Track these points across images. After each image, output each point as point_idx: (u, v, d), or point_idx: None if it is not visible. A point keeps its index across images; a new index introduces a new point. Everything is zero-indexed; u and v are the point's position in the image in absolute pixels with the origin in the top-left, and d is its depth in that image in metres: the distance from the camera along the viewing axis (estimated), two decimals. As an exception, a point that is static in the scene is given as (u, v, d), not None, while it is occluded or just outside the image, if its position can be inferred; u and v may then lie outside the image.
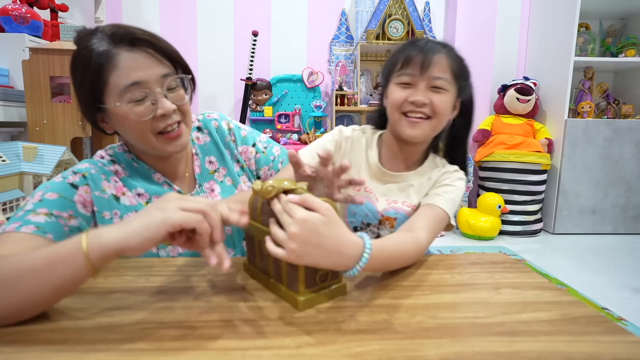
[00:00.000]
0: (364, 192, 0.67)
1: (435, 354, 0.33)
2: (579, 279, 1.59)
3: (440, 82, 0.58)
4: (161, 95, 0.51)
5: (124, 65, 0.49)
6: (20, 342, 0.33)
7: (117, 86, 0.49)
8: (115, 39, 0.49)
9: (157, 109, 0.51)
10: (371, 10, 2.32)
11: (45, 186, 0.49)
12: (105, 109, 0.52)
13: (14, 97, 1.32)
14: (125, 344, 0.33)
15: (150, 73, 0.50)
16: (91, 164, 0.54)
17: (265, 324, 0.37)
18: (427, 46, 0.59)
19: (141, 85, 0.50)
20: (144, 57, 0.50)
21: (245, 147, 0.68)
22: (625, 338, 0.36)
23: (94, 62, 0.48)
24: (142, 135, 0.52)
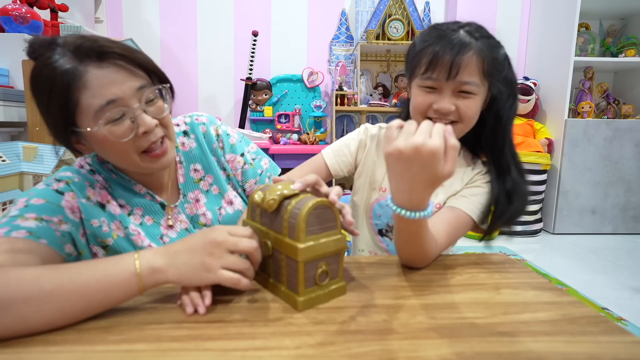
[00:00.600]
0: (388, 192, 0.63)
1: (435, 354, 0.33)
2: (579, 279, 1.59)
3: (469, 87, 0.53)
4: (140, 111, 0.46)
5: (94, 83, 0.44)
6: (19, 343, 0.33)
7: (91, 107, 0.44)
8: (81, 54, 0.43)
9: (139, 127, 0.46)
10: (371, 10, 2.32)
11: (27, 193, 0.46)
12: (79, 132, 0.47)
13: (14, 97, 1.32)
14: (124, 345, 0.33)
15: (125, 88, 0.45)
16: (73, 172, 0.51)
17: (264, 325, 0.37)
18: (456, 42, 0.51)
19: (117, 103, 0.45)
20: (115, 71, 0.45)
21: (233, 155, 0.64)
22: (625, 338, 0.36)
23: (59, 83, 0.43)
24: (125, 156, 0.48)
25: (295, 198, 0.42)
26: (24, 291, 0.34)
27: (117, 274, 0.36)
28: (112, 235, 0.52)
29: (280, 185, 0.43)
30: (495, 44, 0.55)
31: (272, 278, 0.44)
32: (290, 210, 0.40)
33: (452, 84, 0.53)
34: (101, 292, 0.36)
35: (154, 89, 0.49)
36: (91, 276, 0.36)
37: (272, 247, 0.43)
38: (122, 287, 0.36)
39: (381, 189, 0.65)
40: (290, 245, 0.39)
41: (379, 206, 0.65)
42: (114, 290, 0.36)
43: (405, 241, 0.48)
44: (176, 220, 0.58)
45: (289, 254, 0.40)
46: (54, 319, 0.34)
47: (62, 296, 0.34)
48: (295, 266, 0.39)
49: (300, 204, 0.40)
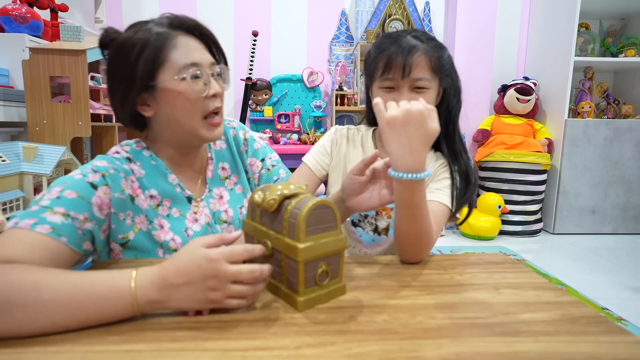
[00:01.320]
0: None
1: (435, 354, 0.33)
2: (579, 279, 1.59)
3: (422, 82, 0.60)
4: (212, 77, 0.55)
5: (183, 46, 0.53)
6: (19, 344, 0.33)
7: (177, 64, 0.52)
8: (174, 24, 0.54)
9: (210, 89, 0.54)
10: (371, 10, 2.32)
11: (64, 181, 0.47)
12: (155, 87, 0.53)
13: (14, 97, 1.31)
14: (124, 345, 0.33)
15: (204, 57, 0.54)
16: (109, 162, 0.53)
17: (264, 325, 0.37)
18: (405, 45, 0.60)
19: (198, 67, 0.53)
20: (197, 43, 0.55)
21: (254, 159, 0.69)
22: (626, 338, 0.36)
23: (153, 41, 0.52)
24: (191, 116, 0.54)
25: (295, 198, 0.42)
26: (23, 297, 0.34)
27: (113, 301, 0.35)
28: (134, 229, 0.53)
29: (281, 186, 0.43)
30: (439, 45, 0.64)
31: (271, 278, 0.44)
32: (291, 210, 0.40)
33: (407, 82, 0.60)
34: (96, 314, 0.35)
35: (219, 67, 0.57)
36: (87, 298, 0.35)
37: (272, 247, 0.43)
38: (117, 313, 0.36)
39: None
40: (290, 245, 0.39)
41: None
42: (108, 314, 0.35)
43: (408, 219, 0.50)
44: (201, 213, 0.60)
45: (289, 254, 0.40)
46: (47, 329, 0.34)
47: (58, 310, 0.34)
48: (296, 266, 0.39)
49: (300, 203, 0.40)
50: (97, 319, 0.35)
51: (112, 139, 1.65)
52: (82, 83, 1.33)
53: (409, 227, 0.51)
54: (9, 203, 1.09)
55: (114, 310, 0.35)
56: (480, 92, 2.39)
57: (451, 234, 2.25)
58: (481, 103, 2.40)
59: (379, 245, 0.70)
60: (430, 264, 0.54)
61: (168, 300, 0.36)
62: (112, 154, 0.56)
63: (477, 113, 2.41)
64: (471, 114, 2.41)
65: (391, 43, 0.61)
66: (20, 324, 0.33)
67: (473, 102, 2.39)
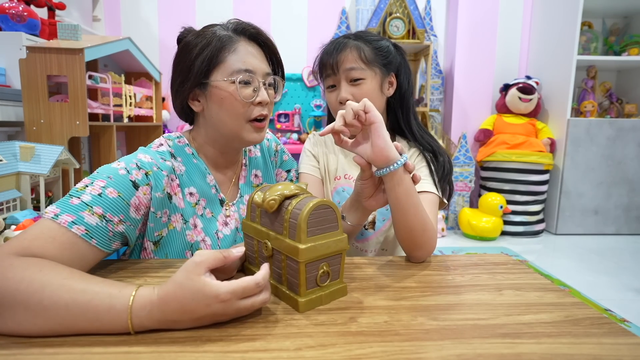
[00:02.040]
0: (344, 179, 0.72)
1: (436, 356, 0.32)
2: (581, 280, 1.58)
3: (354, 72, 0.64)
4: (263, 85, 0.56)
5: (242, 51, 0.55)
6: (17, 345, 0.33)
7: (231, 67, 0.54)
8: (238, 30, 0.56)
9: (258, 96, 0.55)
10: (372, 8, 2.31)
11: (108, 175, 0.47)
12: (207, 85, 0.55)
13: (11, 96, 1.31)
14: (122, 347, 0.33)
15: (261, 66, 0.56)
16: (153, 158, 0.53)
17: (264, 326, 0.37)
18: (334, 46, 0.66)
19: (251, 74, 0.55)
20: (258, 51, 0.57)
21: (280, 170, 0.72)
22: (629, 340, 0.35)
23: (216, 41, 0.54)
24: (235, 117, 0.55)
25: (295, 198, 0.41)
26: (27, 297, 0.34)
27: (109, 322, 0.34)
28: (169, 226, 0.54)
29: (281, 186, 0.43)
30: (375, 38, 0.68)
31: (272, 279, 0.44)
32: (291, 211, 0.40)
33: (342, 76, 0.65)
34: (90, 328, 0.34)
35: (274, 79, 0.59)
36: (83, 314, 0.34)
37: (272, 248, 0.42)
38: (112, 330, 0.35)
39: (336, 177, 0.73)
40: (291, 246, 0.39)
41: (337, 193, 0.73)
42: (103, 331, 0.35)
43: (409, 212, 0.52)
44: (232, 217, 0.61)
45: (290, 255, 0.39)
46: (44, 333, 0.34)
47: (55, 319, 0.34)
48: (296, 267, 0.39)
49: (301, 204, 0.40)
50: (92, 331, 0.35)
51: (110, 139, 1.65)
52: (79, 82, 1.32)
53: (413, 218, 0.53)
54: (5, 203, 1.09)
55: (108, 329, 0.34)
56: (481, 91, 2.38)
57: (452, 235, 2.24)
58: (483, 102, 2.39)
59: (370, 239, 0.71)
60: (432, 264, 0.54)
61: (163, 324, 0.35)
62: (156, 147, 0.56)
63: (479, 112, 2.40)
64: (473, 114, 2.40)
65: (324, 49, 0.68)
66: (21, 322, 0.34)
67: (474, 102, 2.39)
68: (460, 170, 2.25)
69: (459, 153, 2.26)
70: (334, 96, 0.67)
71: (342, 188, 0.72)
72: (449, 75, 2.43)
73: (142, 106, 1.88)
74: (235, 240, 0.61)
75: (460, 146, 2.26)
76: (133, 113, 1.78)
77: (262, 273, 0.37)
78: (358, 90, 0.65)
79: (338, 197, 0.72)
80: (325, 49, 0.68)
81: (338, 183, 0.72)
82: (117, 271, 0.48)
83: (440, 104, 2.47)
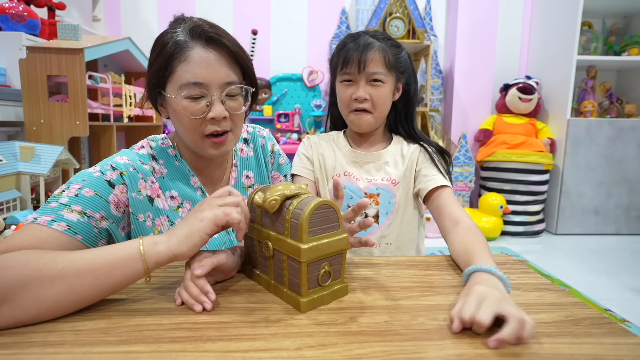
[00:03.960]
0: (344, 176, 0.72)
1: (437, 356, 0.32)
2: (581, 280, 1.58)
3: (377, 75, 0.66)
4: (217, 99, 0.51)
5: (193, 60, 0.49)
6: (17, 344, 0.33)
7: (180, 79, 0.50)
8: (194, 32, 0.50)
9: (209, 112, 0.51)
10: (372, 8, 2.31)
11: (82, 179, 0.48)
12: (164, 96, 0.53)
13: (11, 96, 1.31)
14: (123, 346, 0.33)
15: (216, 76, 0.50)
16: (130, 159, 0.53)
17: (265, 326, 0.37)
18: (362, 42, 0.66)
19: (202, 87, 0.50)
20: (215, 58, 0.50)
21: (277, 173, 0.70)
22: (629, 340, 0.35)
23: (167, 49, 0.50)
24: (190, 132, 0.53)
25: (297, 198, 0.41)
26: (40, 271, 0.35)
27: (121, 250, 0.38)
28: (154, 231, 0.54)
29: (281, 186, 0.43)
30: (396, 44, 0.70)
31: (273, 280, 0.44)
32: (292, 211, 0.40)
33: (364, 75, 0.66)
34: (106, 266, 0.37)
35: (240, 88, 0.53)
36: (98, 254, 0.38)
37: (273, 248, 0.42)
38: (126, 262, 0.38)
39: (334, 175, 0.74)
40: (293, 246, 0.39)
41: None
42: (118, 265, 0.37)
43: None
44: None
45: (292, 255, 0.39)
46: (62, 298, 0.36)
47: (72, 272, 0.36)
48: (298, 267, 0.39)
49: (302, 204, 0.40)
50: (108, 273, 0.37)
51: (110, 139, 1.65)
52: (79, 82, 1.32)
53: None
54: (5, 203, 1.09)
55: (123, 260, 0.38)
56: (481, 91, 2.38)
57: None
58: (483, 102, 2.39)
59: (373, 234, 0.71)
60: (432, 264, 0.54)
61: (169, 238, 0.39)
62: (136, 149, 0.56)
63: (479, 112, 2.40)
64: (472, 114, 2.40)
65: (350, 41, 0.67)
66: (38, 295, 0.35)
67: (474, 102, 2.38)
68: (460, 170, 2.25)
69: (459, 153, 2.26)
70: (349, 91, 0.67)
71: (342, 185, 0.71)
72: (449, 75, 2.43)
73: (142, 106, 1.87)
74: (225, 242, 0.59)
75: (460, 146, 2.26)
76: (133, 113, 1.78)
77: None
78: (376, 91, 0.66)
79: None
80: (348, 44, 0.67)
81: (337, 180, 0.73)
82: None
83: (440, 104, 2.47)
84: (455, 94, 2.37)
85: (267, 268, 0.44)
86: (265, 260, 0.44)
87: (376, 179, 0.71)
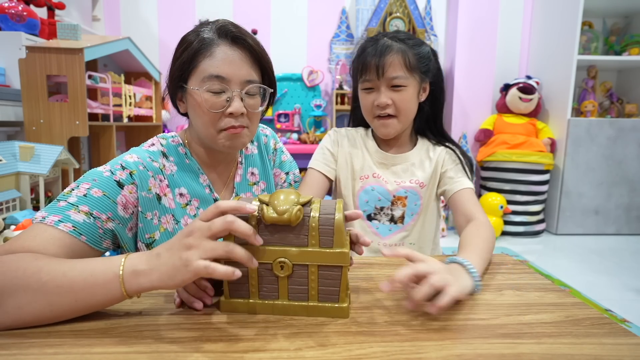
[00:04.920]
0: (372, 178, 0.71)
1: (437, 356, 0.32)
2: (582, 280, 1.58)
3: (397, 80, 0.64)
4: (237, 95, 0.53)
5: (218, 56, 0.52)
6: (16, 345, 0.33)
7: (204, 72, 0.52)
8: (221, 31, 0.53)
9: (229, 107, 0.52)
10: (372, 8, 2.31)
11: (92, 178, 0.48)
12: (185, 89, 0.54)
13: (11, 96, 1.31)
14: (122, 347, 0.33)
15: (238, 73, 0.52)
16: (140, 157, 0.53)
17: (264, 326, 0.37)
18: (379, 47, 0.63)
19: (223, 81, 0.52)
20: (239, 56, 0.53)
21: (279, 170, 0.70)
22: (630, 340, 0.35)
23: (194, 44, 0.52)
24: (207, 126, 0.54)
25: (310, 205, 0.39)
26: (26, 280, 0.35)
27: (102, 274, 0.36)
28: (160, 229, 0.54)
29: (283, 195, 0.38)
30: (417, 42, 0.67)
31: (287, 300, 0.39)
32: (319, 217, 0.38)
33: (384, 81, 0.64)
34: (86, 289, 0.36)
35: (259, 87, 0.55)
36: (80, 274, 0.36)
37: (292, 265, 0.38)
38: (105, 288, 0.36)
39: (363, 177, 0.72)
40: (329, 254, 0.37)
41: (365, 193, 0.71)
42: (97, 289, 0.36)
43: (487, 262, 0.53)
44: None
45: (329, 263, 0.38)
46: (43, 313, 0.35)
47: (53, 290, 0.35)
48: (338, 274, 0.38)
49: (326, 209, 0.39)
50: (88, 296, 0.36)
51: (110, 139, 1.65)
52: (79, 82, 1.32)
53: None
54: (5, 203, 1.09)
55: (102, 285, 0.35)
56: (482, 91, 2.38)
57: (453, 235, 2.24)
58: (483, 102, 2.39)
59: (396, 234, 0.71)
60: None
61: (151, 271, 0.35)
62: (147, 147, 0.56)
63: (479, 112, 2.39)
64: (473, 114, 2.40)
65: (369, 46, 0.65)
66: (22, 305, 0.35)
67: (475, 101, 2.38)
68: (461, 170, 2.25)
69: (459, 153, 2.25)
70: (370, 98, 0.66)
71: (371, 187, 0.71)
72: (449, 75, 2.42)
73: (141, 106, 1.88)
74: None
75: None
76: (133, 113, 1.78)
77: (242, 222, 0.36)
78: (398, 96, 0.64)
79: (366, 197, 0.71)
80: (367, 49, 0.65)
81: (366, 182, 0.72)
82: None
83: (440, 104, 2.47)
84: (455, 94, 2.36)
85: (274, 291, 0.39)
86: (272, 284, 0.39)
87: (404, 182, 0.70)
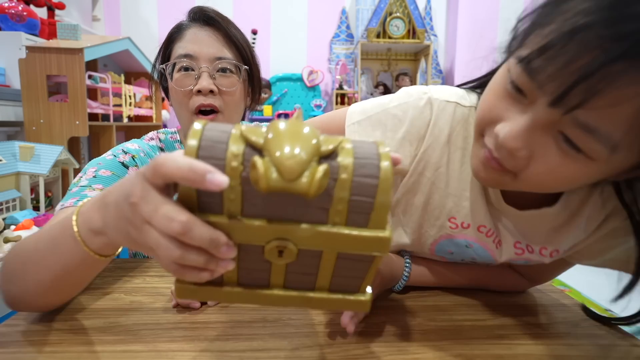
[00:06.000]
0: (474, 231, 0.39)
1: (434, 356, 0.32)
2: (581, 280, 1.58)
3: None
4: (206, 71, 0.51)
5: (187, 37, 0.53)
6: (14, 344, 0.33)
7: (175, 54, 0.53)
8: (195, 16, 0.54)
9: (196, 85, 0.51)
10: (372, 8, 2.31)
11: (97, 162, 0.50)
12: (165, 77, 0.55)
13: (11, 96, 1.31)
14: (120, 345, 0.33)
15: (207, 50, 0.52)
16: (140, 146, 0.54)
17: (262, 326, 0.37)
18: (585, 65, 0.24)
19: (191, 59, 0.52)
20: (208, 35, 0.53)
21: None
22: (629, 341, 0.35)
23: (170, 34, 0.55)
24: (180, 108, 0.53)
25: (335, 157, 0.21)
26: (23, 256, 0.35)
27: (64, 242, 0.31)
28: None
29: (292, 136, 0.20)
30: None
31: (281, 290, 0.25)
32: (352, 181, 0.21)
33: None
34: (58, 261, 0.32)
35: (233, 63, 0.53)
36: (45, 245, 0.33)
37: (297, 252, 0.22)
38: (72, 253, 0.30)
39: (451, 219, 0.39)
40: (362, 239, 0.22)
41: (451, 242, 0.41)
42: (66, 257, 0.31)
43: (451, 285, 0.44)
44: None
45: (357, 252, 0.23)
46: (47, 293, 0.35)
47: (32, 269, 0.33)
48: (368, 262, 0.23)
49: (364, 166, 0.21)
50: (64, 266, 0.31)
51: (110, 139, 1.65)
52: (79, 82, 1.32)
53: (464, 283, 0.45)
54: (5, 203, 1.09)
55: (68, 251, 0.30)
56: (481, 91, 2.38)
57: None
58: (482, 102, 2.39)
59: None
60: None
61: (105, 227, 0.27)
62: (147, 140, 0.57)
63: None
64: (472, 113, 2.40)
65: (566, 54, 0.26)
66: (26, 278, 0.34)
67: (474, 101, 2.38)
68: (460, 170, 2.25)
69: (458, 153, 2.26)
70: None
71: (465, 241, 0.42)
72: (449, 75, 2.43)
73: (141, 106, 1.88)
74: None
75: (460, 146, 2.26)
76: (133, 113, 1.78)
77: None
78: None
79: (453, 247, 0.43)
80: (561, 57, 0.25)
81: (455, 232, 0.40)
82: (117, 271, 0.48)
83: (440, 104, 2.47)
84: (455, 94, 2.37)
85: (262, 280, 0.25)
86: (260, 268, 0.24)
87: (532, 249, 0.40)
